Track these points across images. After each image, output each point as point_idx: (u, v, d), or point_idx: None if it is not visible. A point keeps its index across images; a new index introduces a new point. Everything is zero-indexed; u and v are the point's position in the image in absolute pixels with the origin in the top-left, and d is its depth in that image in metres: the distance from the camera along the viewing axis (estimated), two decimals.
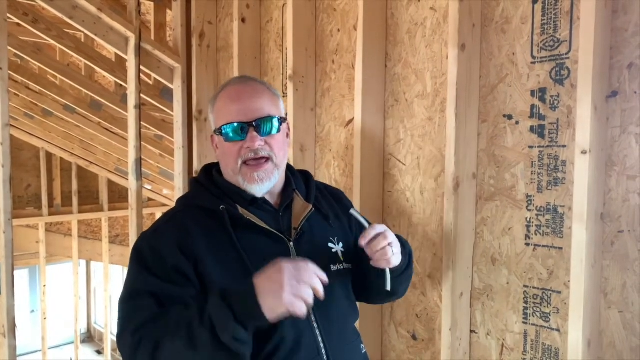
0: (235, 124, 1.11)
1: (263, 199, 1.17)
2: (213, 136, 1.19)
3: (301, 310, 0.91)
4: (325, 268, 1.14)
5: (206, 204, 1.13)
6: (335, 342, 1.11)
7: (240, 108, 1.12)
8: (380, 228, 1.09)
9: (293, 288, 0.90)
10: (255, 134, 1.10)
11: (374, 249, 1.09)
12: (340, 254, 1.20)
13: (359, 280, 1.24)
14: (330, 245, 1.20)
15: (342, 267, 1.19)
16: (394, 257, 1.12)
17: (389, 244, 1.09)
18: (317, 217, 1.21)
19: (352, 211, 1.17)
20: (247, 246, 1.08)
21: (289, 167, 1.28)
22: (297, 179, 1.26)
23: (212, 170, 1.23)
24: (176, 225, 1.10)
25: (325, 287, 1.11)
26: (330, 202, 1.29)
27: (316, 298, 1.10)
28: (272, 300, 0.90)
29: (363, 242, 1.08)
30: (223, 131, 1.12)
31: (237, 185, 1.15)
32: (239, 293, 0.94)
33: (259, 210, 1.15)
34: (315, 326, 1.09)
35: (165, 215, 1.18)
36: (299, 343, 1.06)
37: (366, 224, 1.13)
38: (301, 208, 1.19)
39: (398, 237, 1.21)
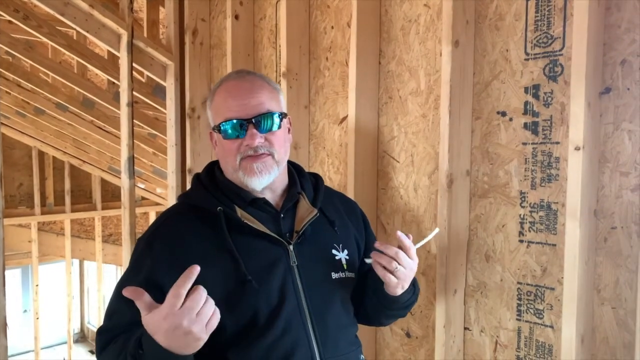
0: (234, 121, 1.07)
1: (264, 200, 1.13)
2: (212, 133, 1.16)
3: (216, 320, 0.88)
4: (326, 275, 1.13)
5: (203, 204, 1.11)
6: (331, 352, 1.08)
7: (239, 104, 1.08)
8: (411, 247, 1.10)
9: (192, 319, 0.85)
10: (254, 131, 1.07)
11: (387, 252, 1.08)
12: (344, 261, 1.17)
13: (354, 295, 1.22)
14: (334, 252, 1.16)
15: (344, 276, 1.16)
16: (403, 279, 1.11)
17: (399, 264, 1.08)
18: (323, 222, 1.18)
19: (367, 260, 1.13)
20: (243, 249, 1.06)
21: (298, 169, 1.25)
22: (306, 182, 1.22)
23: (214, 167, 1.20)
24: (170, 231, 1.09)
25: (325, 294, 1.11)
26: (338, 208, 1.26)
27: (315, 305, 1.08)
28: (185, 342, 0.86)
29: (378, 245, 1.08)
30: (222, 128, 1.09)
31: (237, 182, 1.12)
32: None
33: (259, 211, 1.12)
34: (312, 335, 1.06)
35: (163, 214, 1.17)
36: (292, 352, 1.04)
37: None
38: (306, 211, 1.15)
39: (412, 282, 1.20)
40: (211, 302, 0.87)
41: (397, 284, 1.10)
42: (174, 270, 0.98)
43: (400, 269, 1.07)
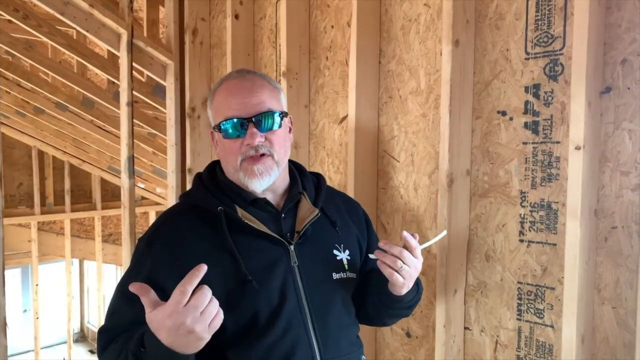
0: (235, 120, 1.07)
1: (264, 200, 1.13)
2: (213, 132, 1.16)
3: (219, 322, 0.88)
4: (327, 275, 1.13)
5: (204, 204, 1.10)
6: (332, 353, 1.08)
7: (239, 103, 1.08)
8: (417, 247, 1.10)
9: (196, 318, 0.85)
10: (255, 130, 1.07)
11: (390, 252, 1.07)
12: (345, 261, 1.16)
13: (356, 295, 1.22)
14: (336, 252, 1.16)
15: (345, 276, 1.15)
16: (408, 279, 1.09)
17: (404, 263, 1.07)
18: (324, 222, 1.17)
19: (371, 256, 1.12)
20: (243, 249, 1.05)
21: (300, 168, 1.24)
22: (308, 182, 1.22)
23: (216, 167, 1.19)
24: (171, 231, 1.09)
25: (325, 294, 1.10)
26: (340, 209, 1.25)
27: (315, 305, 1.08)
28: (187, 340, 0.86)
29: (382, 244, 1.08)
30: (222, 127, 1.09)
31: (238, 182, 1.12)
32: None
33: (260, 211, 1.12)
34: (312, 335, 1.06)
35: (164, 214, 1.17)
36: (292, 352, 1.04)
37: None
38: (307, 211, 1.15)
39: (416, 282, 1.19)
40: (215, 302, 0.87)
41: (403, 284, 1.09)
42: (175, 270, 0.98)
43: (405, 268, 1.07)
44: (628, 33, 1.26)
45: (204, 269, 0.85)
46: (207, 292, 0.86)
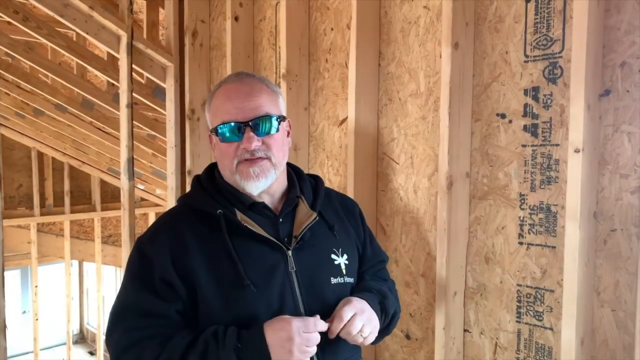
0: (232, 124, 1.07)
1: (263, 204, 1.13)
2: (211, 135, 1.15)
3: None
4: (325, 280, 1.12)
5: (203, 207, 1.10)
6: (331, 358, 1.09)
7: (236, 107, 1.07)
8: (345, 317, 1.04)
9: (301, 348, 0.98)
10: (252, 134, 1.06)
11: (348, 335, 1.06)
12: (343, 266, 1.16)
13: None
14: (333, 256, 1.15)
15: (343, 281, 1.15)
16: (367, 339, 1.09)
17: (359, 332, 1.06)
18: (322, 226, 1.16)
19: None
20: (242, 253, 1.05)
21: (297, 171, 1.24)
22: (305, 185, 1.21)
23: (214, 169, 1.19)
24: (171, 231, 1.09)
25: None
26: (338, 211, 1.25)
27: (314, 311, 1.07)
28: (282, 357, 0.97)
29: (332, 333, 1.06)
30: (219, 131, 1.08)
31: (235, 185, 1.11)
32: (251, 347, 0.98)
33: (258, 215, 1.11)
34: None
35: (163, 215, 1.17)
36: None
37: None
38: (305, 215, 1.14)
39: (381, 292, 1.17)
40: (314, 352, 1.01)
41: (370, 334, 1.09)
42: (176, 268, 1.02)
43: (366, 332, 1.07)
44: (627, 36, 1.26)
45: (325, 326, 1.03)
46: (318, 340, 1.01)
